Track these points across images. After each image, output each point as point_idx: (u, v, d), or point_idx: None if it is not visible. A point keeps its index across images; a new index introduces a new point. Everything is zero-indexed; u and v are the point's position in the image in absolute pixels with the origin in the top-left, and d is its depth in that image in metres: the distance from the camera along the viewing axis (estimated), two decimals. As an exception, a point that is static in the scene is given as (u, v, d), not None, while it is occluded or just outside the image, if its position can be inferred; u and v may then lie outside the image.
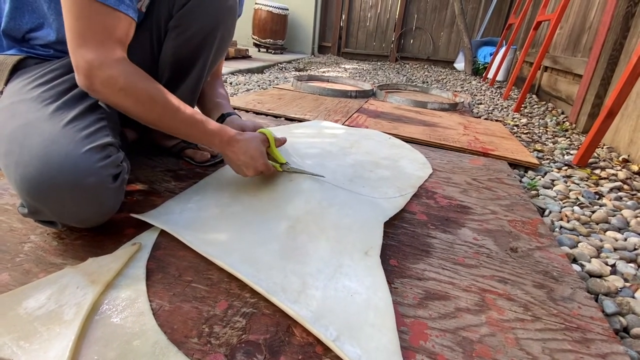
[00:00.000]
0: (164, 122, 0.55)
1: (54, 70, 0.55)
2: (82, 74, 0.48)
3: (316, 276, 0.48)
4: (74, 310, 0.39)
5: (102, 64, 0.48)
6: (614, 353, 0.42)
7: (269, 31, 4.21)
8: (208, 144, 0.61)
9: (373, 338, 0.39)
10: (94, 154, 0.47)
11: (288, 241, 0.54)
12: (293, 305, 0.42)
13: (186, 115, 0.56)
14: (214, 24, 0.68)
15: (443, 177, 0.89)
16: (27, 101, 0.50)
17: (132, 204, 0.63)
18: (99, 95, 0.50)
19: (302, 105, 1.52)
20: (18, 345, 0.35)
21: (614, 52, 1.56)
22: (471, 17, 4.46)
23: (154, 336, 0.38)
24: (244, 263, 0.49)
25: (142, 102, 0.52)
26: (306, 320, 0.40)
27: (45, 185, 0.43)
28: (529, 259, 0.58)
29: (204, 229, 0.57)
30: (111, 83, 0.48)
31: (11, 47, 0.57)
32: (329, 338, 0.39)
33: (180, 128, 0.57)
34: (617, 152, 1.33)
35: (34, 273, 0.45)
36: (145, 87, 0.52)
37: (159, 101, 0.53)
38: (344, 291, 0.46)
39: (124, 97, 0.50)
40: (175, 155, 0.84)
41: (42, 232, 0.53)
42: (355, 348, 0.38)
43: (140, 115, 0.53)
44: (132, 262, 0.48)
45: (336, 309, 0.43)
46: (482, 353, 0.40)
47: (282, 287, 0.45)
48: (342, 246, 0.53)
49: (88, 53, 0.47)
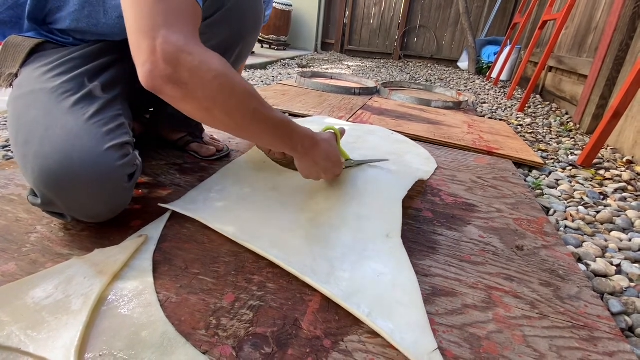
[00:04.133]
0: (254, 123, 0.45)
1: (73, 60, 0.54)
2: (167, 59, 0.37)
3: (342, 260, 0.50)
4: (82, 300, 0.39)
5: (194, 47, 0.38)
6: (621, 352, 0.41)
7: (272, 27, 4.19)
8: (290, 150, 0.52)
9: (403, 315, 0.41)
10: (114, 152, 0.47)
11: (312, 229, 0.56)
12: (325, 285, 0.44)
13: (277, 117, 0.47)
14: (236, 39, 0.67)
15: (448, 175, 0.89)
16: (47, 91, 0.49)
17: (138, 197, 0.63)
18: (182, 88, 0.38)
19: (306, 102, 1.51)
20: (26, 334, 0.35)
21: (620, 53, 1.55)
22: (476, 15, 4.44)
23: (162, 327, 0.38)
24: (274, 247, 0.51)
25: (238, 94, 0.42)
26: (339, 298, 0.42)
27: (65, 179, 0.43)
28: (535, 258, 0.58)
29: (229, 216, 0.58)
30: (205, 69, 0.38)
31: (30, 30, 0.56)
32: (363, 313, 0.40)
33: (269, 131, 0.47)
34: (621, 154, 1.33)
35: (40, 263, 0.45)
36: (239, 78, 0.42)
37: (255, 95, 0.44)
38: (371, 273, 0.47)
39: (217, 87, 0.40)
40: (180, 149, 0.84)
41: (49, 223, 0.53)
42: (388, 323, 0.40)
43: (229, 113, 0.42)
44: (138, 254, 0.48)
45: (365, 288, 0.45)
46: (489, 349, 0.40)
47: (312, 269, 0.47)
48: (363, 234, 0.55)
49: (174, 34, 0.37)
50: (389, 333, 0.38)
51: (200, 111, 0.42)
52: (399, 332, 0.39)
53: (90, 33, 0.56)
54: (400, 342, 0.38)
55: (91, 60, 0.56)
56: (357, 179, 0.69)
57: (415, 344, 0.38)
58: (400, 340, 0.38)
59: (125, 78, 0.59)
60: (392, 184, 0.67)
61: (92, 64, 0.55)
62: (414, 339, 0.38)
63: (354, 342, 0.39)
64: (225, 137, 0.95)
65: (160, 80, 0.38)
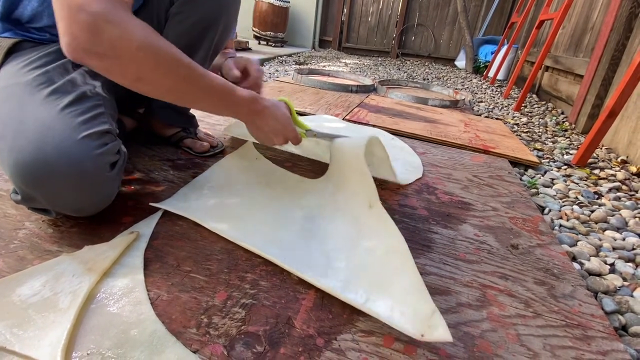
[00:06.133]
0: (188, 90, 0.46)
1: (49, 54, 0.54)
2: (85, 30, 0.36)
3: (338, 249, 0.50)
4: (70, 298, 0.39)
5: (115, 17, 0.37)
6: (614, 350, 0.41)
7: (269, 24, 4.16)
8: (234, 114, 0.55)
9: (399, 282, 0.41)
10: (91, 141, 0.45)
11: (306, 224, 0.56)
12: (322, 279, 0.44)
13: (214, 81, 0.48)
14: (217, 12, 0.66)
15: (444, 173, 0.89)
16: (22, 84, 0.48)
17: (130, 193, 0.62)
18: (104, 60, 0.38)
19: (303, 99, 1.50)
20: (12, 333, 0.34)
21: (616, 53, 1.55)
22: (473, 14, 4.44)
23: (152, 326, 0.37)
24: (269, 245, 0.51)
25: (164, 63, 0.42)
26: (336, 291, 0.42)
27: (40, 172, 0.42)
28: (530, 256, 0.58)
29: (222, 214, 0.58)
30: (126, 39, 0.38)
31: (6, 30, 0.56)
32: (359, 302, 0.40)
33: (206, 96, 0.48)
34: (615, 153, 1.33)
35: (28, 260, 0.44)
36: (165, 45, 0.42)
37: (183, 62, 0.43)
38: (365, 253, 0.47)
39: (142, 58, 0.39)
40: (174, 144, 0.83)
41: (37, 219, 0.52)
42: (386, 300, 0.40)
43: (159, 82, 0.43)
44: (129, 251, 0.48)
45: (361, 272, 0.45)
46: (483, 348, 0.40)
47: (308, 265, 0.47)
48: (354, 212, 0.54)
49: (92, 3, 0.36)
50: (389, 313, 0.38)
51: (130, 81, 0.42)
52: (399, 306, 0.39)
53: None
54: (400, 318, 0.38)
55: None
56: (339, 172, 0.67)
57: (414, 315, 0.38)
58: (400, 317, 0.38)
59: None
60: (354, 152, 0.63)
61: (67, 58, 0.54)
62: (412, 309, 0.38)
63: (347, 340, 0.38)
64: (220, 133, 0.94)
65: (82, 53, 0.37)
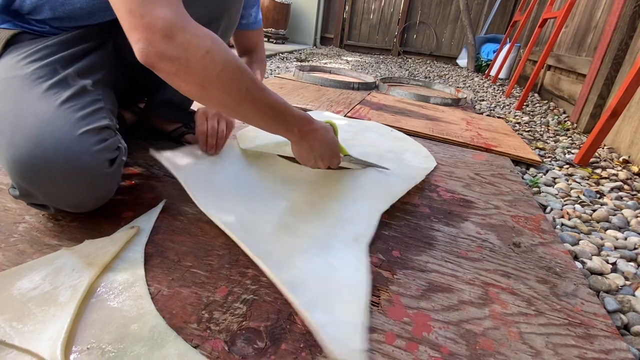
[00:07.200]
0: (246, 102, 0.45)
1: (49, 47, 0.53)
2: (158, 35, 0.37)
3: (305, 250, 0.49)
4: (70, 292, 0.38)
5: (184, 22, 0.38)
6: (617, 349, 0.41)
7: (271, 20, 4.15)
8: (284, 133, 0.53)
9: (343, 312, 0.40)
10: (90, 137, 0.45)
11: (285, 217, 0.56)
12: (275, 270, 0.43)
13: (272, 96, 0.47)
14: (218, 11, 0.65)
15: (446, 171, 0.88)
16: (20, 78, 0.48)
17: (130, 188, 0.61)
18: (175, 64, 0.39)
19: (304, 95, 1.50)
20: (11, 326, 0.34)
21: (619, 52, 1.55)
22: (476, 12, 4.42)
23: (153, 320, 0.37)
24: (241, 229, 0.50)
25: (231, 69, 0.42)
26: (284, 285, 0.41)
27: (38, 168, 0.42)
28: (532, 255, 0.58)
29: (210, 187, 0.59)
30: (197, 44, 0.39)
31: (5, 22, 0.55)
32: (301, 304, 0.39)
33: (262, 111, 0.48)
34: (617, 153, 1.33)
35: (28, 254, 0.44)
36: (231, 53, 0.42)
37: (245, 71, 0.43)
38: (326, 267, 0.47)
39: (209, 62, 0.40)
40: (175, 140, 0.82)
41: (37, 213, 0.52)
42: (325, 316, 0.39)
43: (223, 89, 0.43)
44: (130, 245, 0.47)
45: (315, 280, 0.44)
46: (485, 346, 0.39)
47: (268, 252, 0.47)
48: (334, 231, 0.54)
49: (162, 8, 0.37)
50: (321, 326, 0.37)
51: (195, 87, 0.42)
52: (333, 327, 0.37)
53: (67, 19, 0.55)
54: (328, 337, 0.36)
55: (68, 47, 0.54)
56: (348, 180, 0.68)
57: (343, 341, 0.36)
58: (329, 335, 0.36)
59: (106, 65, 0.57)
60: (379, 194, 0.65)
61: (68, 50, 0.53)
62: (344, 336, 0.37)
63: (349, 337, 0.38)
64: (221, 129, 0.93)
65: (155, 57, 0.38)
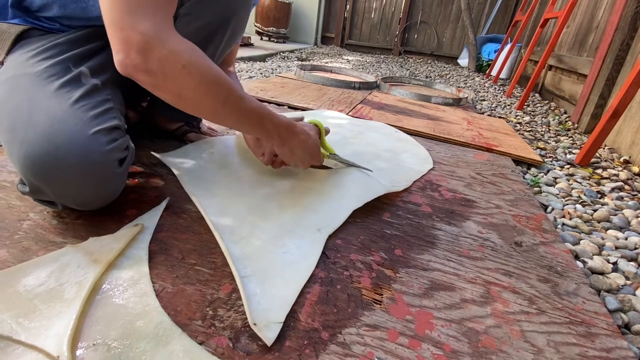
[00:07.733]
0: (225, 111, 0.47)
1: (59, 45, 0.53)
2: (135, 49, 0.38)
3: (266, 231, 0.53)
4: (75, 289, 0.39)
5: (163, 36, 0.39)
6: (618, 348, 0.42)
7: (272, 19, 4.14)
8: (267, 137, 0.56)
9: (277, 287, 0.43)
10: (102, 136, 0.45)
11: (262, 201, 0.61)
12: (230, 244, 0.47)
13: (251, 104, 0.49)
14: (227, 14, 0.65)
15: (447, 171, 0.89)
16: (32, 75, 0.48)
17: (134, 186, 0.62)
18: (152, 76, 0.40)
19: (306, 95, 1.50)
20: (17, 322, 0.34)
21: (621, 53, 1.55)
22: (477, 12, 4.41)
23: (158, 317, 0.37)
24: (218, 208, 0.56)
25: (207, 83, 0.43)
26: (231, 257, 0.45)
27: (50, 166, 0.42)
28: (534, 254, 0.58)
29: (201, 175, 0.66)
30: (173, 59, 0.40)
31: (16, 17, 0.55)
32: (240, 274, 0.42)
33: (242, 119, 0.50)
34: (618, 153, 1.33)
35: (33, 251, 0.44)
36: (209, 65, 0.43)
37: (224, 83, 0.45)
38: (281, 248, 0.50)
39: (186, 76, 0.41)
40: (178, 138, 0.83)
41: (42, 210, 0.52)
42: (257, 288, 0.42)
43: (199, 101, 0.44)
44: (134, 243, 0.47)
45: (263, 258, 0.47)
46: (487, 344, 0.40)
47: (231, 230, 0.51)
48: (300, 219, 0.57)
49: (143, 23, 0.38)
50: (250, 296, 0.40)
51: (172, 97, 0.44)
52: (261, 297, 0.40)
53: (77, 18, 0.55)
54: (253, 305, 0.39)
55: (78, 46, 0.54)
56: (332, 178, 0.69)
57: (266, 310, 0.39)
58: (255, 304, 0.39)
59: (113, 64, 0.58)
60: (355, 193, 0.65)
61: (78, 49, 0.54)
62: (268, 307, 0.39)
63: (352, 334, 0.38)
64: (223, 127, 0.94)
65: (131, 69, 0.40)
